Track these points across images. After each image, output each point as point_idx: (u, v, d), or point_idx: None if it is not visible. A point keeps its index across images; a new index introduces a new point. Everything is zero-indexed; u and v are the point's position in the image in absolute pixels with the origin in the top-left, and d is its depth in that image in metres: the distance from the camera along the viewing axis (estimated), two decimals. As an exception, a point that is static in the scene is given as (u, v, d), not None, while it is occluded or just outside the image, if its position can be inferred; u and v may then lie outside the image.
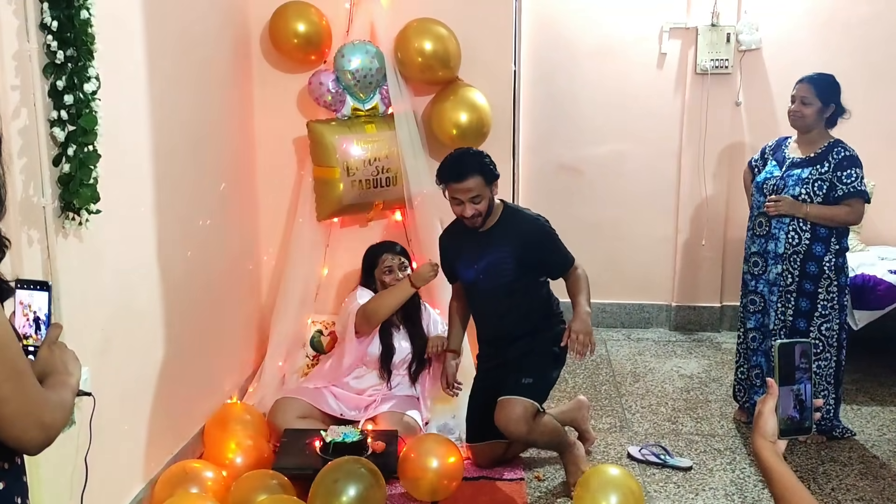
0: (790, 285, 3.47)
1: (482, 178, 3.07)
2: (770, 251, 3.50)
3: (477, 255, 3.19)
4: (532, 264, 3.16)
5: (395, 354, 3.62)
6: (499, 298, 3.21)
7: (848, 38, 4.86)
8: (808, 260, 3.43)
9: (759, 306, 3.58)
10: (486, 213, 3.13)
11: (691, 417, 3.85)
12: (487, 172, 3.09)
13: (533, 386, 3.10)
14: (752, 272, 3.57)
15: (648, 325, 5.24)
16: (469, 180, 3.05)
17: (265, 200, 4.12)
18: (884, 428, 3.72)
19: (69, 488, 2.34)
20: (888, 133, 4.92)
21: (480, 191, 3.07)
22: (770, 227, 3.49)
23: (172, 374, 3.05)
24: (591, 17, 4.96)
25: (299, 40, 3.76)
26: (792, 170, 3.47)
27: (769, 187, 3.51)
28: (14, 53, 2.10)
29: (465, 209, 3.09)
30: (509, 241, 3.15)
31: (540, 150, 5.07)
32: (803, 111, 3.44)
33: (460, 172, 3.06)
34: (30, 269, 2.16)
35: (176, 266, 3.09)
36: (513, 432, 3.06)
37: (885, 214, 4.91)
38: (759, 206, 3.54)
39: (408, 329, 3.67)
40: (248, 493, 2.73)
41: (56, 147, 2.25)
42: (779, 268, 3.48)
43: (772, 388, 1.36)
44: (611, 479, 2.81)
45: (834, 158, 3.40)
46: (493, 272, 3.17)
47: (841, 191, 3.38)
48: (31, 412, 1.23)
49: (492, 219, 3.18)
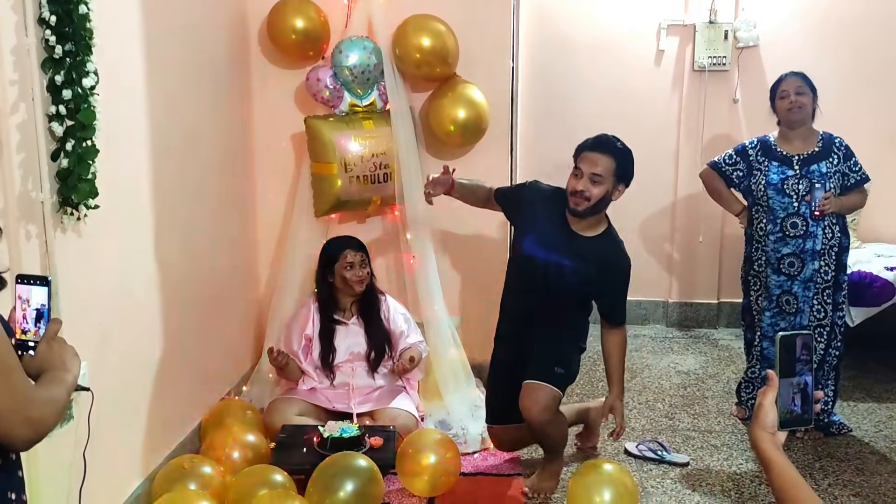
0: (828, 280, 3.48)
1: (615, 163, 2.99)
2: (808, 249, 3.46)
3: (557, 245, 3.05)
4: (594, 288, 3.09)
5: (335, 353, 3.56)
6: (545, 295, 3.09)
7: (844, 34, 4.87)
8: (843, 252, 3.50)
9: (793, 307, 3.52)
10: (593, 204, 2.98)
11: (688, 414, 3.86)
12: (623, 164, 3.01)
13: (563, 376, 3.07)
14: (788, 273, 3.50)
15: (646, 321, 5.25)
16: (603, 156, 2.98)
17: (263, 196, 4.12)
18: (880, 424, 3.74)
19: (67, 484, 2.34)
20: (883, 130, 4.93)
21: (606, 174, 2.96)
22: (808, 226, 3.45)
23: (170, 369, 3.06)
24: (588, 13, 4.97)
25: (297, 36, 3.76)
26: (807, 166, 3.46)
27: (791, 188, 3.47)
28: (12, 48, 2.10)
29: (578, 182, 2.97)
30: (593, 259, 3.03)
31: (538, 147, 5.07)
32: (802, 100, 3.45)
33: (601, 144, 3.02)
34: (28, 264, 2.16)
35: (174, 261, 3.09)
36: (535, 418, 2.99)
37: (881, 212, 4.92)
38: (785, 207, 3.48)
39: (364, 321, 3.61)
40: (250, 487, 2.73)
41: (54, 142, 2.25)
42: (815, 265, 3.47)
43: (772, 380, 1.37)
44: (605, 474, 2.81)
45: (839, 150, 3.47)
46: (557, 271, 3.05)
47: (853, 179, 3.49)
48: (17, 409, 1.23)
49: (593, 229, 3.07)
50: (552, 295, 3.09)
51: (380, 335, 3.61)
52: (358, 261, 3.56)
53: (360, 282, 3.56)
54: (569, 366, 3.14)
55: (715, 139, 4.92)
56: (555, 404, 3.02)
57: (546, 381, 3.02)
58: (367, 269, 3.60)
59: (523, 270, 3.15)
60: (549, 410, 3.00)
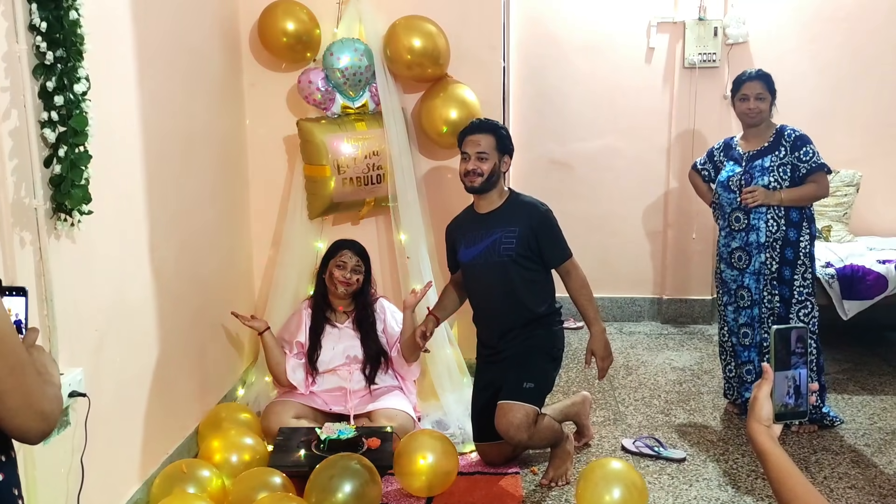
0: (774, 273, 3.53)
1: (494, 138, 3.19)
2: (752, 242, 3.55)
3: (480, 235, 3.22)
4: (531, 247, 3.17)
5: (321, 351, 3.57)
6: (496, 279, 3.20)
7: (834, 30, 4.90)
8: (786, 246, 3.52)
9: (747, 301, 3.61)
10: (486, 178, 3.16)
11: (684, 409, 3.87)
12: (501, 137, 3.21)
13: (534, 390, 3.10)
14: (738, 267, 3.60)
15: (640, 318, 5.26)
16: (482, 135, 3.19)
17: (256, 199, 4.12)
18: (874, 416, 3.75)
19: (65, 489, 2.34)
20: (874, 125, 4.96)
21: (489, 150, 3.17)
22: (749, 220, 3.54)
23: (166, 373, 3.05)
24: (579, 12, 4.99)
25: (288, 39, 3.76)
26: (752, 162, 3.54)
27: (735, 183, 3.57)
28: (3, 55, 2.10)
29: (469, 164, 3.17)
30: (513, 223, 3.18)
31: (530, 147, 5.09)
32: (760, 106, 3.54)
33: (479, 125, 3.24)
34: (22, 271, 2.16)
35: (168, 266, 3.08)
36: (513, 437, 3.04)
37: (873, 205, 4.96)
38: (731, 203, 3.59)
39: (360, 332, 3.60)
40: (249, 490, 2.74)
41: (47, 148, 2.25)
42: (762, 257, 3.54)
43: (767, 373, 1.38)
44: (613, 472, 2.79)
45: (787, 141, 3.51)
46: (493, 250, 3.18)
47: (804, 169, 3.48)
48: (32, 403, 1.27)
49: (497, 201, 3.24)
50: (504, 273, 3.17)
51: (375, 347, 3.61)
52: (352, 263, 3.55)
53: (344, 283, 3.54)
54: (540, 378, 3.15)
55: (706, 135, 4.94)
56: (529, 420, 3.04)
57: (517, 400, 3.06)
58: (359, 276, 3.57)
59: (474, 275, 3.30)
60: (524, 428, 3.03)
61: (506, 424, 3.03)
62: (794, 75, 4.80)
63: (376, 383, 3.60)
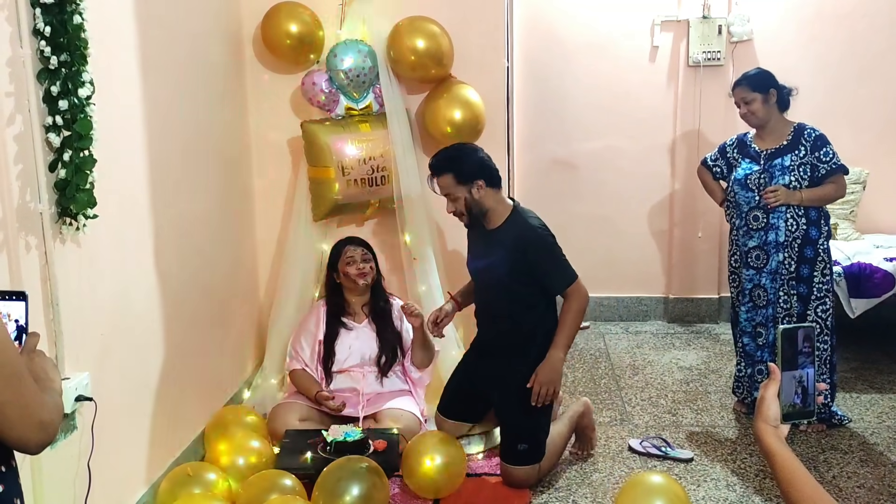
0: (792, 272, 3.51)
1: (452, 176, 3.06)
2: (771, 241, 3.52)
3: (481, 251, 3.20)
4: (525, 272, 3.06)
5: (334, 359, 3.56)
6: (493, 298, 3.21)
7: (838, 28, 4.88)
8: (806, 245, 3.49)
9: (764, 300, 3.58)
10: (470, 213, 3.10)
11: (691, 409, 3.86)
12: (458, 171, 3.05)
13: (530, 451, 3.11)
14: (755, 266, 3.57)
15: (646, 317, 5.25)
16: (440, 177, 3.10)
17: (261, 202, 4.12)
18: (883, 415, 3.74)
19: (72, 494, 2.34)
20: (880, 121, 4.94)
21: (451, 189, 3.07)
22: (768, 218, 3.52)
23: (172, 377, 3.05)
24: (582, 11, 4.98)
25: (292, 41, 3.76)
26: (772, 160, 3.52)
27: (753, 182, 3.54)
28: (7, 60, 2.10)
29: (448, 206, 3.15)
30: (506, 246, 3.07)
31: (534, 147, 5.08)
32: (751, 109, 3.53)
33: (433, 168, 3.14)
34: (28, 276, 2.16)
35: (174, 269, 3.09)
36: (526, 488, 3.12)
37: (879, 203, 4.93)
38: (748, 202, 3.56)
39: (376, 325, 3.62)
40: (259, 492, 2.74)
41: (52, 153, 2.25)
42: (780, 256, 3.52)
43: (774, 373, 1.37)
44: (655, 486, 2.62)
45: (808, 141, 3.48)
46: (490, 271, 3.17)
47: (823, 170, 3.47)
48: (31, 413, 1.27)
49: (498, 219, 3.13)
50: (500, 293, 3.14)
51: (392, 338, 3.62)
52: (359, 255, 3.59)
53: (361, 275, 3.58)
54: (533, 435, 3.12)
55: (710, 134, 4.92)
56: (532, 476, 3.11)
57: (516, 464, 3.11)
58: (371, 264, 3.62)
59: (476, 286, 3.31)
60: (530, 482, 3.12)
61: (512, 484, 3.12)
62: (798, 72, 4.76)
63: (387, 387, 3.59)
